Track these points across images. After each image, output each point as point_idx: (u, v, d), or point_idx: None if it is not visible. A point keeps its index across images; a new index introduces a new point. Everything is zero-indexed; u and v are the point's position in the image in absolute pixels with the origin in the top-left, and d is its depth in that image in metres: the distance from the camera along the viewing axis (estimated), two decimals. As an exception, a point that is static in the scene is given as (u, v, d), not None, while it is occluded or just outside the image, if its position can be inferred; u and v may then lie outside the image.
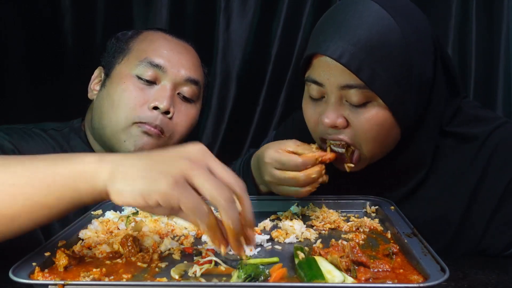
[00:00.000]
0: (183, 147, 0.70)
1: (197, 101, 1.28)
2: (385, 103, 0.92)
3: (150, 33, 1.27)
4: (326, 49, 0.91)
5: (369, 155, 1.00)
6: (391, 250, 0.81)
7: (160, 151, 0.72)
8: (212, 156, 0.70)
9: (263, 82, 1.95)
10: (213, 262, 0.77)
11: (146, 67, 1.17)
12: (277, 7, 1.91)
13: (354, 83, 0.91)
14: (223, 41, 1.93)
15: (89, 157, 0.70)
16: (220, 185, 0.66)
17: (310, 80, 0.98)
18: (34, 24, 1.82)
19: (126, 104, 1.15)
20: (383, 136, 0.96)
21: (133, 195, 0.66)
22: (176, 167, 0.65)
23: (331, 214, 1.04)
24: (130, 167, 0.67)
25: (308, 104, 1.04)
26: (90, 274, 0.73)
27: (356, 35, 0.89)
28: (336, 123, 0.96)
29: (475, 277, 0.84)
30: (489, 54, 1.82)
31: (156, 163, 0.67)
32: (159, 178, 0.64)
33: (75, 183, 0.68)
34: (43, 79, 1.85)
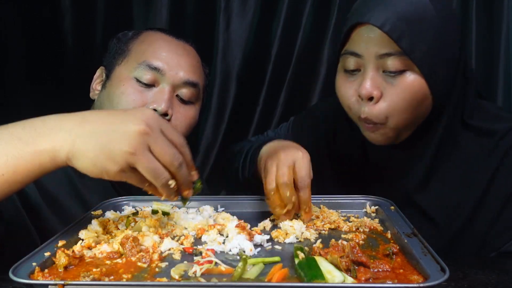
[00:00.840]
0: (137, 111, 0.81)
1: (197, 102, 1.27)
2: (421, 72, 0.98)
3: (150, 34, 1.27)
4: (369, 18, 0.98)
5: (401, 126, 1.04)
6: (391, 250, 0.81)
7: (113, 118, 0.80)
8: (163, 120, 0.82)
9: (263, 82, 1.95)
10: (213, 262, 0.77)
11: (145, 70, 1.17)
12: (277, 7, 1.91)
13: (393, 51, 0.98)
14: (223, 41, 1.93)
15: (48, 132, 0.78)
16: (155, 173, 0.78)
17: (348, 52, 1.03)
18: (34, 24, 1.82)
19: (124, 105, 1.15)
20: (415, 106, 1.01)
21: (90, 174, 0.78)
22: (121, 157, 0.76)
23: (331, 214, 1.04)
24: (84, 150, 0.76)
25: (342, 78, 1.08)
26: (90, 274, 0.73)
27: (397, 8, 0.97)
28: (372, 94, 1.00)
29: (475, 277, 0.84)
30: (489, 54, 1.83)
31: (107, 144, 0.76)
32: (108, 166, 0.76)
33: (38, 160, 0.77)
34: (43, 79, 1.86)
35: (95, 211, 1.02)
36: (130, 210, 1.04)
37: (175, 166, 0.80)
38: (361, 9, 1.02)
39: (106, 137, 0.76)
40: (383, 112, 1.02)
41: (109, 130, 0.77)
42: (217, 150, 2.00)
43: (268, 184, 0.97)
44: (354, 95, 1.05)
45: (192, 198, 1.12)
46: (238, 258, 0.82)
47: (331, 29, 1.88)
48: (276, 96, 1.96)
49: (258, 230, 0.95)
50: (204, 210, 1.06)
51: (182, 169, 0.82)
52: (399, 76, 1.00)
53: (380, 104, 1.01)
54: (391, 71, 1.00)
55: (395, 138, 1.08)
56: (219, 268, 0.76)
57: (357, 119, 1.09)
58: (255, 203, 1.11)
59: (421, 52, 0.97)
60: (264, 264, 0.78)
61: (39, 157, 0.77)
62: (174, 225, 0.96)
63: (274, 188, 0.96)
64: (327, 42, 1.89)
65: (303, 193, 0.95)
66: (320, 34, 1.91)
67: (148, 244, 0.85)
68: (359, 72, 1.04)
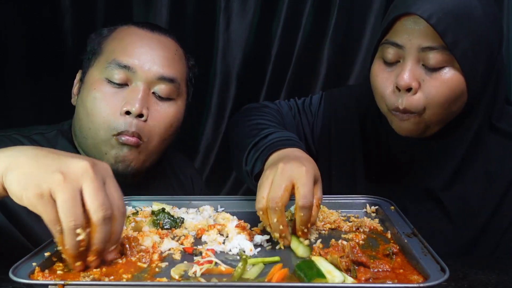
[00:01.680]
0: (74, 158, 0.73)
1: (178, 97, 1.18)
2: (462, 68, 0.98)
3: (123, 30, 1.18)
4: (417, 9, 0.96)
5: (433, 120, 1.03)
6: (391, 250, 0.80)
7: (53, 154, 0.74)
8: (92, 176, 0.71)
9: (263, 82, 1.95)
10: (213, 262, 0.77)
11: (115, 69, 1.11)
12: (277, 7, 1.91)
13: (436, 45, 0.97)
14: (223, 41, 1.93)
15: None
16: (71, 211, 0.69)
17: (390, 42, 1.02)
18: (34, 24, 1.82)
19: (100, 113, 1.09)
20: (451, 101, 1.01)
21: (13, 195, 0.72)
22: (47, 180, 0.69)
23: (331, 214, 1.04)
24: (17, 167, 0.72)
25: (380, 69, 1.06)
26: (90, 274, 0.73)
27: (444, 2, 0.96)
28: (411, 85, 0.99)
29: (475, 277, 0.84)
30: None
31: (39, 167, 0.71)
32: (29, 186, 0.69)
33: None
34: (43, 79, 1.86)
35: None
36: (130, 210, 1.04)
37: (99, 216, 0.71)
38: (407, 0, 1.01)
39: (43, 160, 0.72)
40: (421, 103, 1.01)
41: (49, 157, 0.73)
42: (217, 150, 2.00)
43: (257, 202, 0.86)
44: (391, 85, 1.04)
45: (192, 198, 1.13)
46: (238, 258, 0.82)
47: (331, 29, 1.88)
48: (276, 96, 1.96)
49: (258, 229, 0.94)
50: (204, 210, 1.06)
51: (105, 226, 0.72)
52: (439, 71, 0.99)
53: (418, 95, 1.00)
54: (431, 65, 0.99)
55: (424, 131, 1.06)
56: (219, 268, 0.76)
57: (387, 111, 1.07)
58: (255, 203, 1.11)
59: (464, 49, 0.97)
60: (264, 264, 0.78)
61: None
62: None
63: (263, 208, 0.85)
64: (327, 42, 1.89)
65: (304, 213, 0.84)
66: (320, 34, 1.91)
67: (148, 244, 0.85)
68: (397, 63, 1.04)
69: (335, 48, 1.91)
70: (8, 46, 1.80)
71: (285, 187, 0.83)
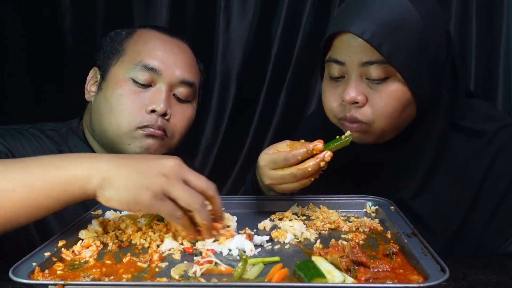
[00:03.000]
0: (162, 160, 0.84)
1: (193, 100, 1.27)
2: (404, 78, 0.98)
3: (144, 33, 1.25)
4: (349, 27, 0.98)
5: (385, 129, 1.04)
6: (391, 250, 0.80)
7: (144, 160, 0.85)
8: (186, 168, 0.84)
9: (263, 82, 1.96)
10: (213, 262, 0.77)
11: (141, 71, 1.17)
12: (277, 7, 1.91)
13: (375, 59, 0.98)
14: (223, 41, 1.93)
15: (81, 161, 0.82)
16: (192, 193, 0.81)
17: (332, 60, 1.04)
18: (34, 24, 1.82)
19: (124, 109, 1.15)
20: (399, 111, 1.02)
21: (119, 203, 0.80)
22: (156, 183, 0.80)
23: (331, 214, 1.04)
24: (117, 178, 0.80)
25: (327, 85, 1.09)
26: (90, 274, 0.73)
27: (377, 15, 0.97)
28: (357, 99, 1.01)
29: (475, 277, 0.84)
30: (489, 54, 1.83)
31: (140, 176, 0.80)
32: (142, 193, 0.79)
33: (69, 187, 0.80)
34: (43, 79, 1.86)
35: (95, 211, 1.02)
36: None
37: (213, 189, 0.85)
38: (341, 17, 1.02)
39: (140, 167, 0.81)
40: (369, 116, 1.02)
41: (144, 164, 0.82)
42: (217, 150, 2.00)
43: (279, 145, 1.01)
44: (338, 100, 1.06)
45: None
46: (238, 258, 0.82)
47: (331, 29, 1.88)
48: (276, 96, 1.96)
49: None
50: (204, 210, 1.06)
51: (218, 196, 0.86)
52: (383, 83, 1.00)
53: (365, 109, 1.02)
54: (374, 78, 1.00)
55: (379, 138, 1.08)
56: (219, 268, 0.76)
57: (337, 121, 1.09)
58: (255, 203, 1.11)
59: (403, 58, 0.97)
60: (264, 264, 0.78)
61: (72, 184, 0.80)
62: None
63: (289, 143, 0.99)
64: (327, 42, 1.89)
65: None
66: (320, 34, 1.91)
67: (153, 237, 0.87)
68: (343, 78, 1.05)
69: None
70: (8, 46, 1.80)
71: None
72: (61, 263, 0.78)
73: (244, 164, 2.01)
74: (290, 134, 1.87)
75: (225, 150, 2.01)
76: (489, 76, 1.83)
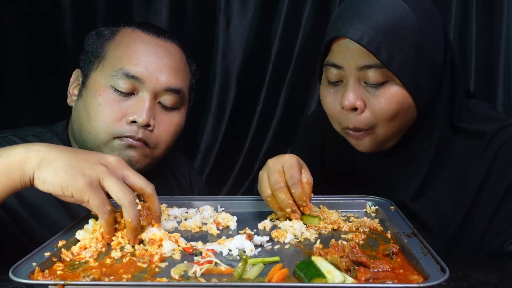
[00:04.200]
0: (104, 154, 0.88)
1: (182, 107, 1.18)
2: (402, 82, 0.98)
3: (128, 33, 1.15)
4: (346, 32, 0.98)
5: (388, 134, 1.04)
6: (391, 250, 0.80)
7: (86, 152, 0.88)
8: (127, 166, 0.88)
9: (263, 82, 1.96)
10: (213, 262, 0.77)
11: (122, 78, 1.08)
12: (277, 7, 1.91)
13: (373, 63, 0.97)
14: (223, 41, 1.93)
15: (21, 147, 0.84)
16: (125, 189, 0.83)
17: (330, 64, 1.03)
18: (34, 24, 1.82)
19: (103, 119, 1.08)
20: (400, 115, 1.01)
21: (53, 185, 0.81)
22: (94, 170, 0.82)
23: (331, 214, 1.04)
24: (55, 160, 0.81)
25: (326, 90, 1.08)
26: (90, 274, 0.73)
27: (374, 20, 0.96)
28: (355, 105, 1.00)
29: (475, 277, 0.84)
30: (489, 54, 1.83)
31: (78, 161, 0.82)
32: (78, 176, 0.80)
33: (9, 171, 0.82)
34: (42, 79, 1.86)
35: (95, 211, 1.01)
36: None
37: (151, 188, 0.88)
38: (339, 22, 1.02)
39: (83, 154, 0.85)
40: (370, 121, 1.02)
41: (85, 153, 0.86)
42: (217, 150, 2.00)
43: (263, 192, 0.99)
44: (338, 105, 1.05)
45: (193, 198, 1.13)
46: (238, 258, 0.82)
47: (331, 29, 1.88)
48: (276, 96, 1.96)
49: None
50: (204, 210, 1.06)
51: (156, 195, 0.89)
52: (381, 87, 1.00)
53: (365, 114, 1.02)
54: (372, 83, 0.99)
55: (382, 145, 1.08)
56: (219, 268, 0.76)
57: (341, 130, 1.09)
58: (255, 203, 1.11)
59: (401, 62, 0.97)
60: (264, 264, 0.78)
61: (12, 168, 0.81)
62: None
63: (270, 194, 0.97)
64: (327, 42, 1.89)
65: (295, 190, 0.95)
66: (320, 34, 1.90)
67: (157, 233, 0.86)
68: (342, 83, 1.04)
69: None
70: (8, 46, 1.80)
71: (278, 171, 0.96)
72: (61, 263, 0.78)
73: (244, 164, 2.01)
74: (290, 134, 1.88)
75: (225, 150, 2.01)
76: (489, 76, 1.83)
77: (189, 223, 0.99)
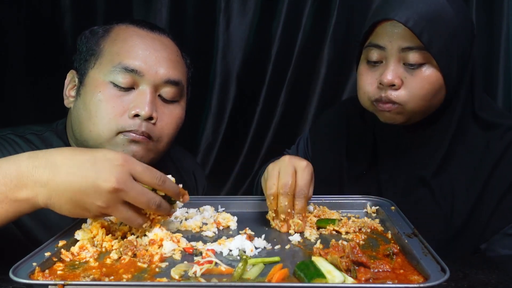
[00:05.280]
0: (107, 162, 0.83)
1: (181, 99, 1.18)
2: (439, 65, 1.08)
3: (122, 30, 1.15)
4: (395, 15, 1.07)
5: (416, 111, 1.12)
6: (391, 250, 0.80)
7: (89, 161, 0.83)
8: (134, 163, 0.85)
9: (263, 82, 1.95)
10: (213, 262, 0.77)
11: (121, 73, 1.08)
12: (277, 7, 1.91)
13: (414, 45, 1.07)
14: (223, 41, 1.93)
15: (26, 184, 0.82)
16: (146, 195, 0.84)
17: (372, 45, 1.13)
18: (34, 24, 1.82)
19: (105, 116, 1.07)
20: (432, 95, 1.11)
21: (72, 215, 0.84)
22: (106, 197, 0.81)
23: (332, 214, 1.04)
24: (63, 195, 0.82)
25: (365, 68, 1.17)
26: (90, 274, 0.73)
27: (419, 7, 1.07)
28: (394, 82, 1.09)
29: (475, 277, 0.84)
30: (489, 54, 1.83)
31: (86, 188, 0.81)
32: (84, 213, 0.84)
33: (20, 207, 0.83)
34: (42, 79, 1.85)
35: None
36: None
37: (153, 209, 0.86)
38: (386, 7, 1.12)
39: (80, 194, 0.81)
40: (404, 98, 1.10)
41: (82, 187, 0.81)
42: (217, 150, 2.00)
43: (268, 189, 0.98)
44: (375, 83, 1.13)
45: (193, 198, 1.13)
46: (238, 258, 0.82)
47: (331, 29, 1.88)
48: (276, 96, 1.96)
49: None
50: (205, 210, 1.06)
51: (161, 207, 0.87)
52: (419, 68, 1.09)
53: (400, 91, 1.10)
54: (411, 64, 1.09)
55: (407, 120, 1.15)
56: (219, 268, 0.76)
57: (370, 104, 1.16)
58: (255, 203, 1.11)
59: (439, 47, 1.07)
60: (264, 264, 0.78)
61: (19, 205, 0.83)
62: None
63: (274, 193, 0.97)
64: (327, 42, 1.90)
65: (299, 202, 0.96)
66: (320, 34, 1.91)
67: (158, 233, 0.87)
68: (381, 63, 1.13)
69: (335, 48, 1.91)
70: (8, 46, 1.80)
71: (291, 173, 0.96)
72: (61, 263, 0.78)
73: (244, 164, 2.01)
74: (290, 134, 1.88)
75: (225, 150, 2.01)
76: (489, 76, 1.83)
77: (190, 223, 0.99)
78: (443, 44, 1.07)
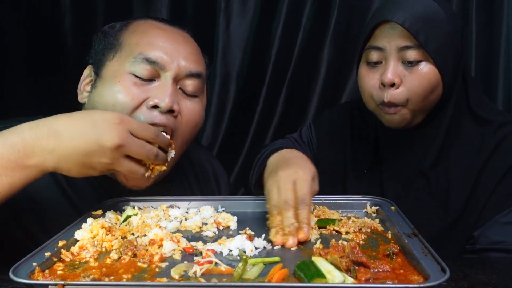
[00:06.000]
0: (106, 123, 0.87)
1: (201, 95, 1.15)
2: (435, 62, 1.15)
3: (141, 23, 1.13)
4: (392, 17, 1.15)
5: (417, 109, 1.18)
6: (391, 250, 0.80)
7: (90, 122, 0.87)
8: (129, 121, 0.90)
9: (263, 82, 1.95)
10: (213, 262, 0.77)
11: (142, 64, 1.04)
12: (277, 7, 1.91)
13: (412, 44, 1.14)
14: (223, 41, 1.93)
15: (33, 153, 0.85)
16: (145, 147, 0.90)
17: (372, 47, 1.20)
18: (34, 24, 1.82)
19: (122, 105, 1.02)
20: (429, 91, 1.17)
21: (80, 175, 0.90)
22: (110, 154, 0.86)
23: (332, 214, 1.04)
24: (70, 159, 0.86)
25: (366, 70, 1.23)
26: (90, 274, 0.73)
27: (414, 9, 1.15)
28: (394, 81, 1.15)
29: (475, 277, 0.84)
30: (489, 54, 1.83)
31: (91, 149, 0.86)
32: (89, 171, 0.89)
33: (29, 174, 0.86)
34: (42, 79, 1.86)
35: (95, 211, 1.02)
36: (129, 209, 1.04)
37: (152, 159, 0.92)
38: (383, 10, 1.20)
39: (86, 156, 0.86)
40: (404, 95, 1.16)
41: (87, 149, 0.86)
42: (217, 150, 2.00)
43: (271, 210, 0.95)
44: (377, 83, 1.19)
45: (193, 198, 1.13)
46: (238, 258, 0.82)
47: (331, 29, 1.88)
48: (276, 96, 1.96)
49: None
50: (205, 210, 1.06)
51: (159, 157, 0.93)
52: (416, 65, 1.16)
53: (400, 89, 1.16)
54: (409, 61, 1.16)
55: (411, 121, 1.21)
56: (219, 268, 0.76)
57: (375, 107, 1.22)
58: (255, 203, 1.11)
59: (435, 46, 1.14)
60: (264, 264, 0.78)
61: (30, 172, 0.86)
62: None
63: (277, 212, 0.94)
64: (327, 42, 1.90)
65: (302, 211, 0.93)
66: (320, 34, 1.91)
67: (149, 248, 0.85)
68: (381, 64, 1.20)
69: (335, 48, 1.91)
70: (8, 46, 1.80)
71: (291, 190, 0.95)
72: (61, 263, 0.78)
73: (244, 164, 2.01)
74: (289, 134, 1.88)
75: (225, 150, 2.01)
76: (489, 76, 1.83)
77: (190, 223, 0.99)
78: (438, 43, 1.14)
